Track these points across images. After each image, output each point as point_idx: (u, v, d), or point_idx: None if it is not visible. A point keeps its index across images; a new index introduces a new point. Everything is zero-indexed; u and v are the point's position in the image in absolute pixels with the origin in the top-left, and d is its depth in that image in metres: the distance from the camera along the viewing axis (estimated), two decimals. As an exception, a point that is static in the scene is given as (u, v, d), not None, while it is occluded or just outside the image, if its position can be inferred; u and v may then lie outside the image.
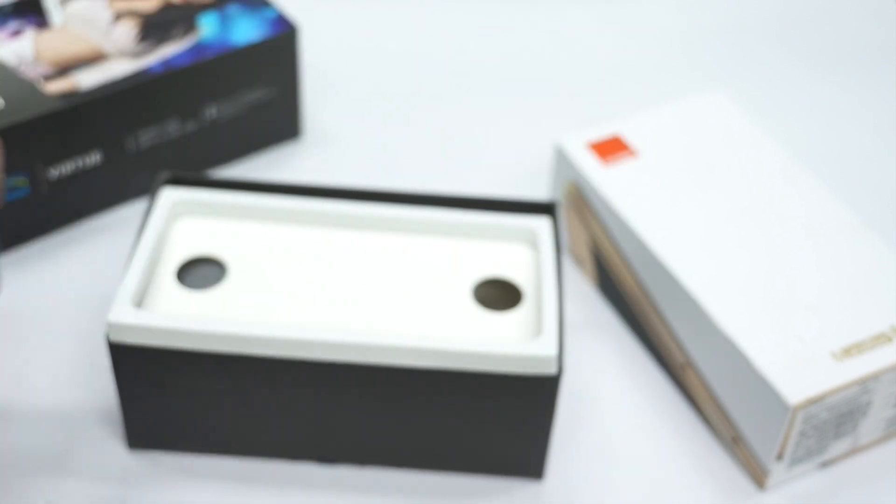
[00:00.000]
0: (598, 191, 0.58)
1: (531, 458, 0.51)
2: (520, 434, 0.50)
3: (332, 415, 0.50)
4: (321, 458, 0.52)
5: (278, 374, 0.48)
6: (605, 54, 0.77)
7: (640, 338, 0.58)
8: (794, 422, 0.49)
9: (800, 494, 0.52)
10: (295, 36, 0.64)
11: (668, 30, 0.79)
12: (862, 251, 0.55)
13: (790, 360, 0.50)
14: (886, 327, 0.52)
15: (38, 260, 0.61)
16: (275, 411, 0.50)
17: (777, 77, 0.75)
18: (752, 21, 0.80)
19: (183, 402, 0.50)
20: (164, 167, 0.64)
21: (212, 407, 0.50)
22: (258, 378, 0.48)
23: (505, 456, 0.51)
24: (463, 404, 0.49)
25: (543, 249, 0.51)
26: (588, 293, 0.61)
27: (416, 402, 0.49)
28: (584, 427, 0.54)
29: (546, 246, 0.52)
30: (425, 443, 0.51)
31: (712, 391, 0.53)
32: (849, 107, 0.73)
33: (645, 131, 0.61)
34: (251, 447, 0.52)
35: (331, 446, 0.51)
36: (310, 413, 0.50)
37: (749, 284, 0.53)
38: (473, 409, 0.49)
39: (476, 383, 0.48)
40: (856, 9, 0.81)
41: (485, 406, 0.49)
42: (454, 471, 0.52)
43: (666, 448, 0.54)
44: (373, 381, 0.48)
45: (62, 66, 0.60)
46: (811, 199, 0.58)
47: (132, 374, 0.49)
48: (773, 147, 0.61)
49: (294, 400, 0.49)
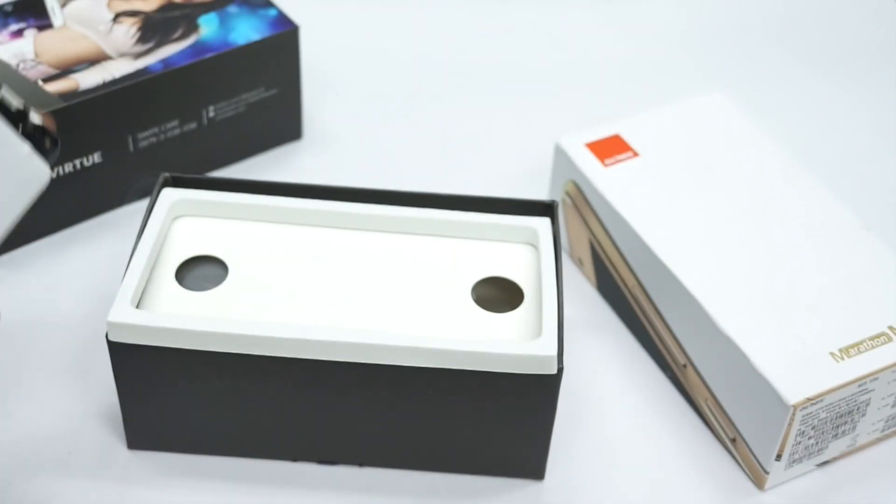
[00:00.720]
0: (598, 191, 0.58)
1: (531, 457, 0.51)
2: (520, 434, 0.50)
3: (332, 415, 0.50)
4: (321, 459, 0.52)
5: (278, 373, 0.48)
6: (605, 54, 0.77)
7: (640, 338, 0.58)
8: (793, 421, 0.49)
9: (799, 494, 0.52)
10: (295, 36, 0.65)
11: (668, 30, 0.79)
12: (861, 251, 0.55)
13: (789, 359, 0.50)
14: (885, 327, 0.52)
15: (38, 259, 0.61)
16: (274, 411, 0.50)
17: (777, 77, 0.75)
18: (752, 21, 0.80)
19: (183, 402, 0.50)
20: (164, 167, 0.64)
21: (211, 407, 0.50)
22: (258, 378, 0.48)
23: (505, 456, 0.51)
24: (463, 404, 0.49)
25: (543, 249, 0.52)
26: (588, 293, 0.61)
27: (416, 401, 0.49)
28: (584, 427, 0.54)
29: (546, 246, 0.52)
30: (425, 443, 0.51)
31: (712, 391, 0.53)
32: (849, 107, 0.73)
33: (645, 131, 0.61)
34: (251, 448, 0.52)
35: (330, 447, 0.51)
36: (309, 413, 0.50)
37: (748, 284, 0.53)
38: (473, 409, 0.49)
39: (476, 383, 0.48)
40: (856, 9, 0.81)
41: (485, 406, 0.49)
42: (454, 471, 0.52)
43: (666, 448, 0.54)
44: (372, 380, 0.48)
45: (62, 66, 0.60)
46: (811, 199, 0.58)
47: (132, 373, 0.49)
48: (773, 147, 0.61)
49: (294, 400, 0.49)
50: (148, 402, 0.50)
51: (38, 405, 0.54)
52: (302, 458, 0.52)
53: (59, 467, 0.51)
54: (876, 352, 0.51)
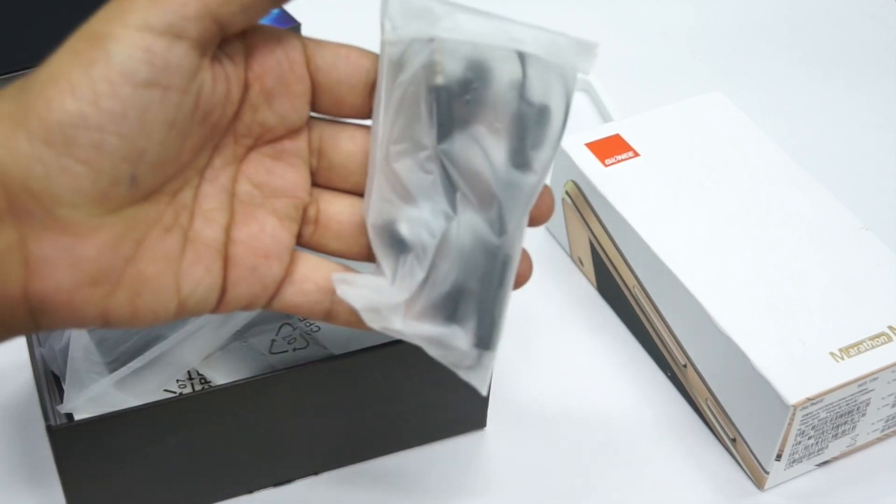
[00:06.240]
0: (599, 191, 0.58)
1: (474, 410, 0.51)
2: (462, 386, 0.47)
3: (282, 428, 0.49)
4: (276, 482, 0.51)
5: (221, 403, 0.47)
6: (606, 54, 0.77)
7: (640, 338, 0.58)
8: (793, 421, 0.49)
9: (799, 494, 0.52)
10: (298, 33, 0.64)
11: (668, 30, 0.79)
12: (861, 251, 0.55)
13: (789, 359, 0.50)
14: (885, 327, 0.52)
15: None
16: (222, 446, 0.48)
17: (777, 77, 0.75)
18: (753, 21, 0.80)
19: (126, 472, 0.47)
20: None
21: (160, 467, 0.48)
22: (205, 417, 0.47)
23: (451, 415, 0.51)
24: (403, 377, 0.48)
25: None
26: (588, 293, 0.61)
27: (360, 387, 0.49)
28: (583, 427, 0.55)
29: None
30: (374, 429, 0.51)
31: (712, 391, 0.53)
32: (849, 107, 0.73)
33: (645, 131, 0.61)
34: (205, 495, 0.50)
35: (284, 464, 0.51)
36: (259, 435, 0.49)
37: (748, 284, 0.53)
38: (414, 379, 0.49)
39: (410, 350, 0.44)
40: (856, 9, 0.81)
41: (422, 371, 0.49)
42: (407, 447, 0.52)
43: (666, 448, 0.54)
44: (311, 377, 0.48)
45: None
46: (811, 199, 0.58)
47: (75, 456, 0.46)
48: (773, 147, 0.61)
49: (230, 430, 0.48)
50: (94, 483, 0.47)
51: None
52: (258, 488, 0.51)
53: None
54: (876, 352, 0.51)
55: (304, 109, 0.39)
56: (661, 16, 0.80)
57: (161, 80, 0.34)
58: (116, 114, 0.34)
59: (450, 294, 0.39)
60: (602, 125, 0.62)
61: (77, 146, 0.33)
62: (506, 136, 0.39)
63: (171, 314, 0.37)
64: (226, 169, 0.39)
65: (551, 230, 0.64)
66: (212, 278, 0.38)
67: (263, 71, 0.38)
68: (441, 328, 0.39)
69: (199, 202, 0.38)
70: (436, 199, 0.39)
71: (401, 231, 0.39)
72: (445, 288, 0.39)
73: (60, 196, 0.34)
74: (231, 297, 0.39)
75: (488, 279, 0.39)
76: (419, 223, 0.39)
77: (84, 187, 0.34)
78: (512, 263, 0.40)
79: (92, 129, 0.33)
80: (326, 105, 0.40)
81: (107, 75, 0.34)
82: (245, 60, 0.38)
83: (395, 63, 0.38)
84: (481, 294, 0.39)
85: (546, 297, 0.60)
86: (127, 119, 0.34)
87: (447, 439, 0.53)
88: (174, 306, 0.37)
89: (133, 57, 0.34)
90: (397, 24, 0.37)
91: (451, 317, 0.39)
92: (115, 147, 0.34)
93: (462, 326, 0.39)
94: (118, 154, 0.34)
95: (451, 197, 0.39)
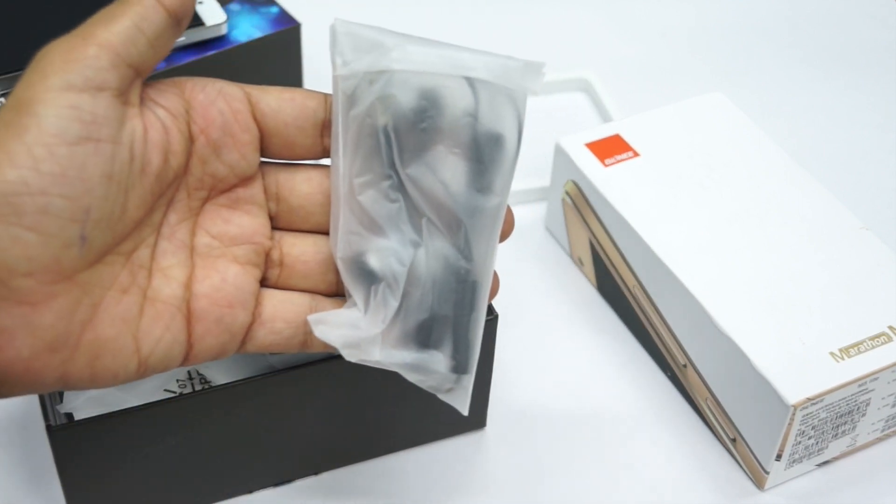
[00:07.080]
0: (599, 191, 0.58)
1: (474, 408, 0.51)
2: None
3: (283, 427, 0.49)
4: (276, 482, 0.51)
5: (223, 403, 0.47)
6: (606, 54, 0.77)
7: (640, 338, 0.58)
8: (793, 421, 0.49)
9: (799, 494, 0.52)
10: (297, 33, 0.65)
11: (668, 30, 0.79)
12: (861, 251, 0.55)
13: (789, 359, 0.50)
14: (885, 327, 0.52)
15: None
16: (224, 446, 0.48)
17: (777, 77, 0.75)
18: (753, 21, 0.80)
19: (130, 472, 0.47)
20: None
21: (160, 467, 0.48)
22: (205, 416, 0.47)
23: (454, 414, 0.51)
24: (398, 377, 0.48)
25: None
26: (588, 293, 0.61)
27: (360, 387, 0.49)
28: (583, 427, 0.55)
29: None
30: (373, 429, 0.51)
31: (712, 391, 0.53)
32: (849, 107, 0.73)
33: (645, 131, 0.61)
34: (206, 495, 0.50)
35: (284, 464, 0.50)
36: (260, 433, 0.49)
37: (749, 284, 0.53)
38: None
39: None
40: (856, 9, 0.82)
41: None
42: (406, 447, 0.52)
43: (666, 448, 0.54)
44: (314, 378, 0.48)
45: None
46: (811, 199, 0.58)
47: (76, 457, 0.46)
48: (773, 147, 0.61)
49: (229, 430, 0.48)
50: (94, 483, 0.47)
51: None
52: (258, 488, 0.51)
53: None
54: (876, 352, 0.51)
55: (253, 157, 0.40)
56: (661, 16, 0.80)
57: (92, 133, 0.35)
58: (57, 175, 0.34)
59: (425, 321, 0.40)
60: (602, 125, 0.62)
61: (24, 214, 0.34)
62: (464, 160, 0.39)
63: (133, 374, 0.38)
64: (182, 224, 0.39)
65: (551, 230, 0.64)
66: (172, 335, 0.38)
67: (207, 123, 0.38)
68: (419, 354, 0.40)
69: (157, 260, 0.38)
70: (402, 227, 0.40)
71: (370, 263, 0.40)
72: (421, 315, 0.40)
73: (14, 266, 0.34)
74: (199, 350, 0.39)
75: (460, 304, 0.40)
76: (388, 253, 0.40)
77: (36, 254, 0.34)
78: (482, 287, 0.41)
79: (35, 194, 0.34)
80: (278, 149, 0.40)
81: (40, 139, 0.34)
82: (187, 114, 0.38)
83: (350, 97, 0.39)
84: (455, 319, 0.40)
85: (546, 297, 0.60)
86: (67, 178, 0.34)
87: (447, 439, 0.53)
88: (134, 366, 0.38)
89: (62, 116, 0.34)
90: (348, 59, 0.38)
91: (426, 342, 0.40)
92: (61, 208, 0.34)
93: (440, 350, 0.40)
94: (65, 215, 0.34)
95: (416, 224, 0.40)
